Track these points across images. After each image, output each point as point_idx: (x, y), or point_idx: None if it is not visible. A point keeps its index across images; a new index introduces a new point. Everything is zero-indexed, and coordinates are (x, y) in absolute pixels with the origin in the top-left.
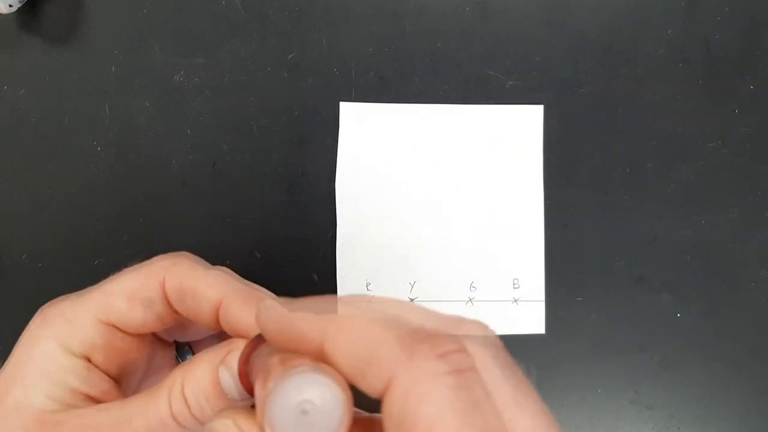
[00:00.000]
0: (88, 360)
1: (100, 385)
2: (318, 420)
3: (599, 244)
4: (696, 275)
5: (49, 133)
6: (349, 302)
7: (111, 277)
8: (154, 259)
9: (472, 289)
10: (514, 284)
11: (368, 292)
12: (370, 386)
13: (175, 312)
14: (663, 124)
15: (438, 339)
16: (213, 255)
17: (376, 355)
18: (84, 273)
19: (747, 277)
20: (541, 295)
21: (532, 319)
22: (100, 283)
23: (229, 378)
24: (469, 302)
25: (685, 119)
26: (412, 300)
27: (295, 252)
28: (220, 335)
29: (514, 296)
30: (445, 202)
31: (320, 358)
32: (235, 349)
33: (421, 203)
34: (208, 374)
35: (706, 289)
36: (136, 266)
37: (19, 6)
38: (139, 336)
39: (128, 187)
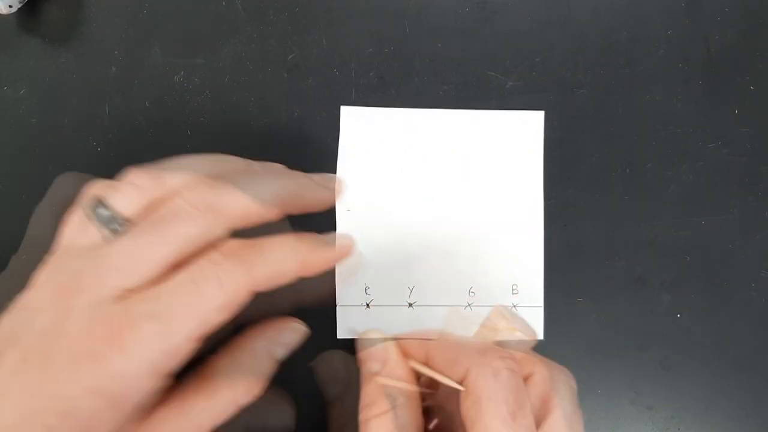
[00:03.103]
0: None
1: None
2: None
3: (599, 244)
4: (696, 275)
5: (49, 133)
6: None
7: None
8: None
9: (471, 294)
10: (512, 290)
11: (367, 296)
12: (454, 374)
13: None
14: (663, 124)
15: (501, 351)
16: None
17: (460, 356)
18: None
19: (747, 277)
20: (539, 300)
21: (530, 325)
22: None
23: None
24: (468, 307)
25: (685, 119)
26: (410, 305)
27: None
28: None
29: (513, 302)
30: (443, 206)
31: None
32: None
33: (421, 207)
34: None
35: (706, 289)
36: None
37: (19, 6)
38: None
39: None
